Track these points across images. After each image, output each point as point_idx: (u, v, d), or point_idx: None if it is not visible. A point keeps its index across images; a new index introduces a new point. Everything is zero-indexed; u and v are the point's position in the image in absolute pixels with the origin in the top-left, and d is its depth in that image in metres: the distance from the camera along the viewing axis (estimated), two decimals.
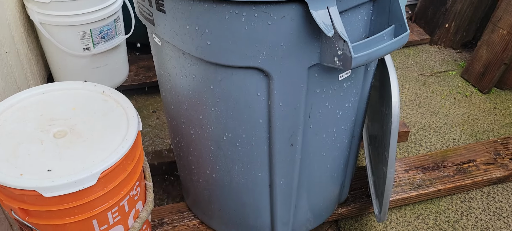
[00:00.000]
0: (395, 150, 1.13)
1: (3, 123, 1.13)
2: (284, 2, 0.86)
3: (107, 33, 1.82)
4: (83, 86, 1.26)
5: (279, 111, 1.03)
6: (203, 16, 0.90)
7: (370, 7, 1.00)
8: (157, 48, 1.11)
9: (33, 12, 1.68)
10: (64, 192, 0.99)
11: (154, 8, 0.98)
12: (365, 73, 1.13)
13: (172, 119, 1.24)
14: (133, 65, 2.13)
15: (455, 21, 2.23)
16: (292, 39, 0.91)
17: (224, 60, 0.96)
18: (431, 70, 2.19)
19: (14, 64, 1.60)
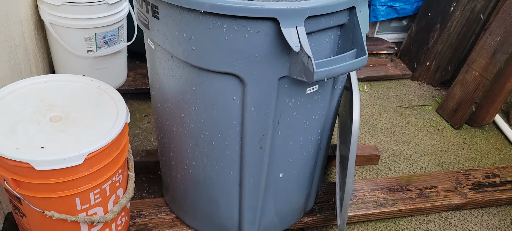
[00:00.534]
0: (353, 161, 1.25)
1: (6, 104, 1.26)
2: (260, 18, 1.00)
3: (110, 39, 1.97)
4: (81, 79, 1.40)
5: (251, 115, 1.16)
6: (190, 24, 1.04)
7: (337, 32, 1.14)
8: (150, 50, 1.25)
9: (45, 12, 1.84)
10: (53, 167, 1.11)
11: (150, 15, 1.13)
12: (332, 91, 1.27)
13: (158, 116, 1.38)
14: (132, 72, 2.28)
15: (436, 60, 2.39)
16: (266, 52, 1.05)
17: (206, 65, 1.10)
18: (409, 103, 2.33)
19: (22, 57, 1.74)
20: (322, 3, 1.01)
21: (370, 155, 1.88)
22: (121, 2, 1.95)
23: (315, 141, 1.33)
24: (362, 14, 1.10)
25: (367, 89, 2.42)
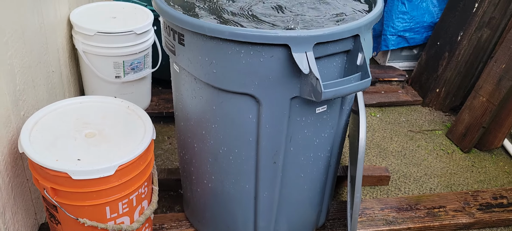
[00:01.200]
0: (361, 176, 1.35)
1: (47, 121, 1.41)
2: (273, 45, 1.13)
3: (137, 66, 2.14)
4: (113, 101, 1.55)
5: (265, 132, 1.28)
6: (212, 50, 1.18)
7: (344, 57, 1.26)
8: (175, 74, 1.39)
9: (79, 42, 2.02)
10: (88, 177, 1.24)
11: (176, 42, 1.27)
12: (340, 111, 1.38)
13: (181, 134, 1.50)
14: (155, 97, 2.44)
15: (445, 87, 2.48)
16: (278, 74, 1.18)
17: (225, 86, 1.23)
18: (420, 128, 2.41)
19: (57, 82, 1.91)
20: (329, 31, 1.14)
21: (380, 176, 1.96)
22: (148, 32, 2.13)
23: (325, 158, 1.43)
24: (366, 41, 1.22)
25: (379, 115, 2.52)
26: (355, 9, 1.40)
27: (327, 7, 1.41)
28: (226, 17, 1.29)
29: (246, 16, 1.31)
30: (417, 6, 2.64)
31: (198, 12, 1.31)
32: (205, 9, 1.34)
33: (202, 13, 1.31)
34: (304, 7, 1.41)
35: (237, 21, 1.28)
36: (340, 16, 1.34)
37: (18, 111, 1.46)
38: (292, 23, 1.29)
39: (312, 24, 1.28)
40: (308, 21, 1.30)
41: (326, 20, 1.31)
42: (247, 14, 1.33)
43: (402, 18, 2.65)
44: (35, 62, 1.61)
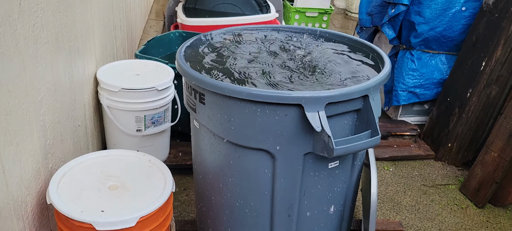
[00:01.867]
0: (374, 228, 1.38)
1: (74, 174, 1.50)
2: (287, 104, 1.22)
3: (157, 120, 2.24)
4: (135, 154, 1.63)
5: (280, 186, 1.34)
6: (230, 108, 1.27)
7: (354, 116, 1.34)
8: (195, 130, 1.48)
9: (104, 97, 2.14)
10: (111, 228, 1.31)
11: (197, 100, 1.37)
12: (352, 166, 1.43)
13: (199, 187, 1.57)
14: (173, 149, 2.52)
15: (457, 142, 2.52)
16: (292, 131, 1.25)
17: (242, 142, 1.30)
18: (433, 182, 2.43)
19: (82, 135, 2.02)
20: (339, 92, 1.22)
21: (394, 230, 1.97)
22: (168, 88, 2.24)
23: (338, 212, 1.48)
24: (375, 101, 1.30)
25: (392, 169, 2.55)
26: (364, 68, 1.49)
27: (338, 67, 1.50)
28: (243, 75, 1.39)
29: (262, 73, 1.41)
30: (427, 64, 2.73)
31: (218, 72, 1.42)
32: (225, 69, 1.44)
33: (221, 73, 1.41)
34: (314, 61, 1.50)
35: (254, 78, 1.37)
36: (352, 74, 1.43)
37: (46, 164, 1.55)
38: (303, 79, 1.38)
39: (323, 79, 1.37)
40: (320, 75, 1.39)
41: (337, 80, 1.40)
42: (263, 72, 1.43)
43: (412, 75, 2.74)
44: (64, 117, 1.72)
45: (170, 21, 3.59)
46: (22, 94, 1.28)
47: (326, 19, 4.36)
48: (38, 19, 1.39)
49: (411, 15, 2.65)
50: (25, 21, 1.29)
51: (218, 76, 1.39)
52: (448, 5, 2.56)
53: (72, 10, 1.77)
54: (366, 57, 1.58)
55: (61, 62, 1.67)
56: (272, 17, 3.24)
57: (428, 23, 2.61)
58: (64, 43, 1.68)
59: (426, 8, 2.59)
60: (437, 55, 2.73)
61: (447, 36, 2.64)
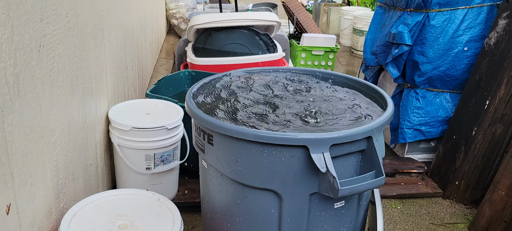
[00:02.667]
0: None
1: (85, 213, 1.53)
2: (293, 146, 1.26)
3: (166, 158, 2.29)
4: (145, 193, 1.67)
5: (287, 226, 1.36)
6: (238, 149, 1.31)
7: (359, 156, 1.37)
8: (204, 170, 1.52)
9: (115, 136, 2.20)
10: None
11: (205, 141, 1.41)
12: (358, 206, 1.45)
13: (207, 226, 1.59)
14: (182, 186, 2.55)
15: (464, 180, 2.52)
16: (298, 172, 1.29)
17: (249, 182, 1.34)
18: (441, 221, 2.42)
19: (93, 174, 2.06)
20: (343, 134, 1.26)
21: None
22: (178, 127, 2.30)
23: None
24: (378, 142, 1.33)
25: (399, 207, 2.55)
26: (368, 109, 1.53)
27: (343, 108, 1.54)
28: (251, 116, 1.44)
29: (269, 114, 1.45)
30: (431, 102, 2.77)
31: (226, 113, 1.47)
32: (233, 110, 1.49)
33: (230, 114, 1.46)
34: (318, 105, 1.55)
35: (261, 119, 1.42)
36: (356, 115, 1.47)
37: (58, 204, 1.59)
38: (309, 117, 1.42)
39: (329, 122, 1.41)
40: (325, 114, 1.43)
41: (341, 121, 1.44)
42: (269, 113, 1.47)
43: (417, 113, 2.77)
44: (76, 157, 1.77)
45: (180, 61, 3.69)
46: (37, 136, 1.34)
47: (332, 57, 4.44)
48: (55, 64, 1.47)
49: (414, 55, 2.71)
50: (43, 66, 1.36)
51: (226, 117, 1.44)
52: (451, 45, 2.62)
53: (86, 54, 1.86)
54: (370, 98, 1.62)
55: (75, 103, 1.73)
56: (279, 57, 3.32)
57: (431, 62, 2.67)
58: (78, 85, 1.76)
59: (429, 48, 2.65)
60: (441, 94, 2.77)
61: (450, 75, 2.69)
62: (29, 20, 1.24)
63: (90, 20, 1.91)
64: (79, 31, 1.73)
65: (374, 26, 3.15)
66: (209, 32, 3.32)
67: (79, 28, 1.73)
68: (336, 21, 6.00)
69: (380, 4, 3.15)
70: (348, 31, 5.64)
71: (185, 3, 5.45)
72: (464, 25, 2.62)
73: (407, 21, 2.70)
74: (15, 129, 1.17)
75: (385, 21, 3.04)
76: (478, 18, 2.61)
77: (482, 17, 2.61)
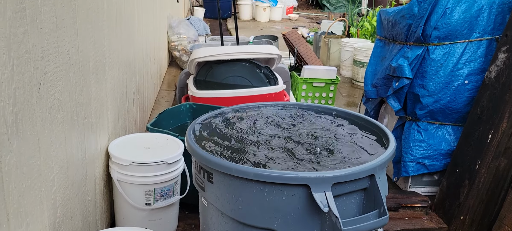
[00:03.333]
0: None
1: None
2: (294, 185, 1.24)
3: (166, 193, 2.26)
4: None
5: None
6: (238, 188, 1.29)
7: (361, 195, 1.34)
8: (204, 208, 1.49)
9: (114, 171, 2.17)
10: None
11: (205, 179, 1.39)
12: None
13: None
14: (182, 222, 2.51)
15: (469, 215, 2.47)
16: (300, 211, 1.26)
17: (250, 221, 1.31)
18: None
19: (92, 210, 2.03)
20: (345, 172, 1.24)
21: None
22: (178, 161, 2.28)
23: None
24: (381, 180, 1.31)
25: None
26: (369, 146, 1.51)
27: (344, 145, 1.53)
28: (251, 153, 1.42)
29: (269, 152, 1.44)
30: (433, 135, 2.75)
31: (227, 151, 1.45)
32: (234, 147, 1.48)
33: (230, 151, 1.45)
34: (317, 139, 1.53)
35: (262, 157, 1.40)
36: (358, 152, 1.45)
37: None
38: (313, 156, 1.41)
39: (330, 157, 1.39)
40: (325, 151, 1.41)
41: (343, 158, 1.43)
42: (270, 150, 1.46)
43: (419, 146, 2.75)
44: (74, 193, 1.75)
45: (181, 93, 3.70)
46: (35, 175, 1.32)
47: (333, 89, 4.45)
48: (55, 101, 1.47)
49: (415, 88, 2.71)
50: (43, 104, 1.36)
51: (226, 155, 1.43)
52: (451, 78, 2.63)
53: (87, 89, 1.86)
54: (371, 134, 1.61)
55: (74, 139, 1.72)
56: (280, 89, 3.33)
57: (432, 95, 2.67)
58: (78, 121, 1.75)
59: (430, 81, 2.65)
60: (443, 127, 2.76)
61: (452, 108, 2.68)
62: (30, 59, 1.25)
63: (92, 56, 1.92)
64: (80, 68, 1.74)
65: (374, 59, 3.17)
66: (211, 65, 3.34)
67: (80, 64, 1.74)
68: (337, 53, 6.05)
69: (379, 37, 3.17)
70: (349, 63, 5.68)
71: (187, 35, 5.51)
72: (464, 59, 2.63)
73: (407, 54, 2.72)
74: (12, 168, 1.15)
75: (385, 54, 3.06)
76: (477, 52, 2.63)
77: (481, 51, 2.63)
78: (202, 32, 6.19)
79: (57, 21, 1.44)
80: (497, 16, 2.63)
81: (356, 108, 4.46)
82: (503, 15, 2.63)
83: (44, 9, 1.32)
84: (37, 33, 1.29)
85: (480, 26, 2.62)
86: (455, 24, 2.60)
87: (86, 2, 1.77)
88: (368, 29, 6.43)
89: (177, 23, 5.56)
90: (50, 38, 1.39)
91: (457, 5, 2.59)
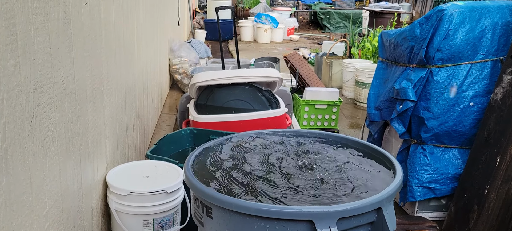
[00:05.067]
0: None
1: None
2: (298, 220, 1.17)
3: (166, 223, 2.19)
4: None
5: None
6: (238, 224, 1.23)
7: (368, 228, 1.28)
8: None
9: (112, 201, 2.11)
10: None
11: (204, 214, 1.33)
12: None
13: None
14: None
15: None
16: None
17: None
18: None
19: None
20: (351, 206, 1.18)
21: None
22: (178, 190, 2.21)
23: None
24: (389, 213, 1.25)
25: None
26: (376, 176, 1.45)
27: (350, 176, 1.47)
28: (252, 186, 1.36)
29: (271, 185, 1.38)
30: (440, 158, 2.69)
31: (227, 183, 1.39)
32: (234, 180, 1.42)
33: (230, 184, 1.39)
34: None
35: (263, 190, 1.34)
36: (364, 184, 1.39)
37: None
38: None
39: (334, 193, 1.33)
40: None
41: (349, 191, 1.36)
42: (272, 183, 1.40)
43: (425, 170, 2.68)
44: (69, 227, 1.69)
45: (182, 117, 3.66)
46: (27, 211, 1.27)
47: (335, 111, 4.40)
48: (49, 133, 1.42)
49: (419, 111, 2.66)
50: (35, 137, 1.31)
51: (226, 188, 1.37)
52: (456, 100, 2.58)
53: (84, 118, 1.81)
54: (378, 163, 1.55)
55: (70, 171, 1.67)
56: (281, 112, 3.29)
57: (437, 118, 2.61)
58: (74, 152, 1.70)
59: (434, 103, 2.60)
60: (449, 150, 2.69)
61: (457, 130, 2.62)
62: (22, 91, 1.20)
63: (89, 84, 1.88)
64: (76, 97, 1.70)
65: (377, 81, 3.12)
66: (211, 89, 3.30)
67: (76, 94, 1.70)
68: (338, 74, 6.02)
69: (382, 59, 3.14)
70: (351, 84, 5.64)
71: (188, 58, 5.50)
72: (469, 80, 2.58)
73: (410, 76, 2.68)
74: (1, 208, 1.10)
75: (387, 76, 3.02)
76: (482, 73, 2.58)
77: (486, 72, 2.58)
78: (204, 55, 6.18)
79: (51, 51, 1.40)
80: (500, 37, 2.59)
81: (360, 129, 4.40)
82: (506, 36, 2.59)
83: (37, 40, 1.29)
84: (30, 64, 1.25)
85: (483, 47, 2.58)
86: (458, 45, 2.56)
87: (82, 30, 1.74)
88: (369, 49, 6.41)
89: (178, 46, 5.55)
90: (44, 69, 1.35)
91: (460, 27, 2.56)
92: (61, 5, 1.46)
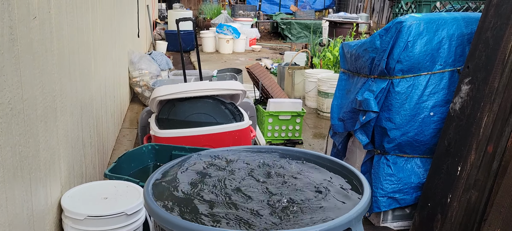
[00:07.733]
0: None
1: None
2: None
3: None
4: None
5: None
6: None
7: None
8: None
9: (68, 226, 1.98)
10: None
11: None
12: None
13: None
14: None
15: None
16: None
17: None
18: None
19: None
20: (320, 228, 1.14)
21: None
22: (138, 211, 2.11)
23: None
24: None
25: None
26: (343, 194, 1.43)
27: (316, 195, 1.43)
28: (215, 210, 1.30)
29: (235, 207, 1.32)
30: (403, 168, 2.72)
31: (190, 207, 1.32)
32: (197, 203, 1.35)
33: (194, 208, 1.32)
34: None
35: (228, 214, 1.28)
36: (331, 203, 1.36)
37: None
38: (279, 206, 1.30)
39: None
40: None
41: (315, 211, 1.33)
42: (235, 206, 1.34)
43: (390, 180, 2.70)
44: None
45: (143, 132, 3.53)
46: None
47: (299, 121, 4.40)
48: None
49: (382, 121, 2.68)
50: None
51: (190, 214, 1.30)
52: (417, 111, 2.62)
53: (35, 139, 1.69)
54: (345, 180, 1.52)
55: (18, 197, 1.54)
56: (245, 125, 3.24)
57: (399, 128, 2.64)
58: (23, 177, 1.57)
59: (396, 114, 2.63)
60: (412, 159, 2.73)
61: (419, 140, 2.66)
62: None
63: (40, 102, 1.76)
64: (25, 118, 1.58)
65: (340, 92, 3.14)
66: (173, 102, 3.21)
67: (25, 114, 1.58)
68: (301, 84, 6.05)
69: (343, 70, 3.16)
70: (313, 93, 5.68)
71: (149, 70, 5.36)
72: (428, 91, 2.64)
73: (372, 87, 2.70)
74: None
75: (350, 87, 3.03)
76: (441, 84, 2.64)
77: (444, 82, 2.64)
78: (165, 67, 6.05)
79: None
80: (457, 48, 2.66)
81: (324, 140, 4.42)
82: (462, 47, 2.67)
83: None
84: None
85: (441, 58, 2.65)
86: (417, 56, 2.61)
87: (32, 46, 1.62)
88: (330, 59, 6.49)
89: (138, 58, 5.41)
90: None
91: (418, 38, 2.61)
92: (5, 20, 1.35)
